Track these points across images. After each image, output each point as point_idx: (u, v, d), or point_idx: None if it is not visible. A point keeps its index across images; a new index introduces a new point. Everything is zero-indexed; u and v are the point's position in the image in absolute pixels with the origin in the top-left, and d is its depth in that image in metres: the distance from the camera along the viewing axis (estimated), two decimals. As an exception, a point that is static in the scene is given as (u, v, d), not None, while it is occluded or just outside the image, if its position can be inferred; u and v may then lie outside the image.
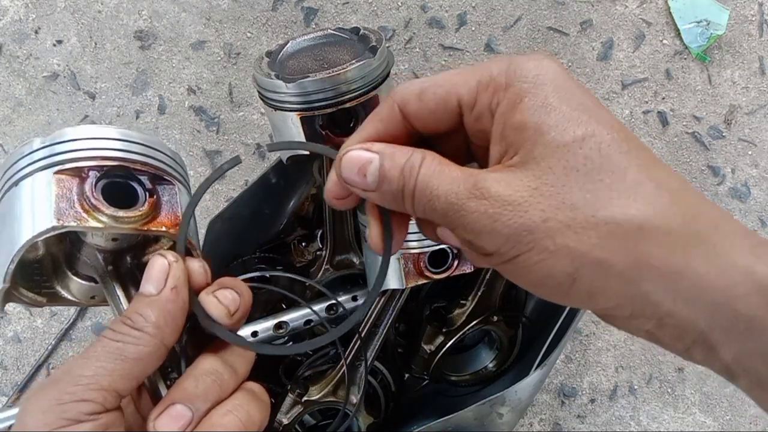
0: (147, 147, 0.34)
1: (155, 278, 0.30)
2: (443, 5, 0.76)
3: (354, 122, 0.52)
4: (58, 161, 0.32)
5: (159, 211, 0.33)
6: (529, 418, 0.78)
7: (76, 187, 0.32)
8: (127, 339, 0.29)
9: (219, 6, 0.77)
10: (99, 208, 0.31)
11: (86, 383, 0.27)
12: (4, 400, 0.76)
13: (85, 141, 0.33)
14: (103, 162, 0.32)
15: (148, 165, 0.34)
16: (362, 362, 0.58)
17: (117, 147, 0.33)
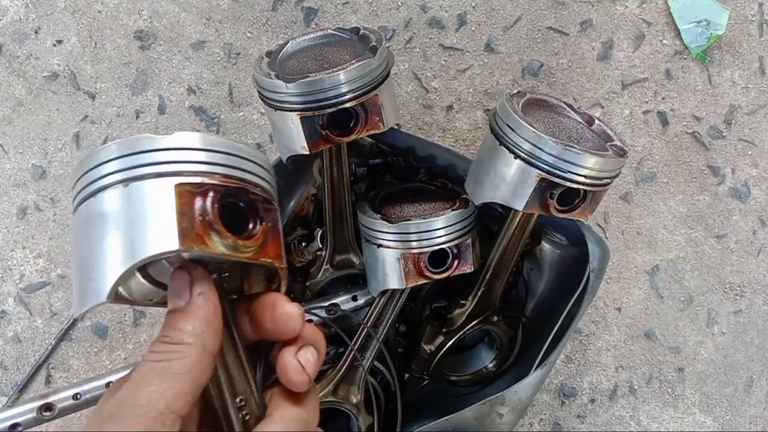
0: (259, 166, 0.31)
1: (179, 290, 0.30)
2: (443, 5, 0.76)
3: (354, 122, 0.52)
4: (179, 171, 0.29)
5: (268, 239, 0.31)
6: (529, 418, 0.78)
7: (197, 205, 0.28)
8: (170, 355, 0.29)
9: (219, 6, 0.77)
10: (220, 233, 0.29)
11: (144, 412, 0.27)
12: (4, 400, 0.76)
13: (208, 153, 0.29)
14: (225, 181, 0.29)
15: (261, 187, 0.31)
16: (362, 362, 0.58)
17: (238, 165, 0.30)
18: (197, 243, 0.28)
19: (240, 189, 0.30)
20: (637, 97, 0.77)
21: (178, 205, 0.28)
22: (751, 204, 0.78)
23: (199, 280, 0.30)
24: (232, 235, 0.29)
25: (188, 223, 0.28)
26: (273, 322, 0.32)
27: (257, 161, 0.31)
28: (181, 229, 0.28)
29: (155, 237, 0.28)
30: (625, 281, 0.78)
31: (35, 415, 0.46)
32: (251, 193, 0.31)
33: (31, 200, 0.77)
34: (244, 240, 0.30)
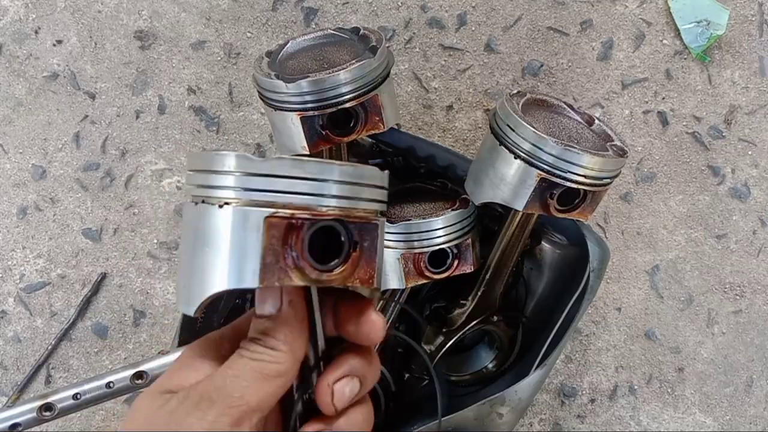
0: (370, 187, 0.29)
1: (270, 297, 0.30)
2: (443, 5, 0.76)
3: (354, 122, 0.52)
4: (272, 202, 0.27)
5: (359, 263, 0.30)
6: (529, 418, 0.78)
7: (285, 237, 0.27)
8: (265, 357, 0.29)
9: (219, 6, 0.77)
10: (305, 269, 0.28)
11: (237, 405, 0.28)
12: (4, 400, 0.76)
13: (306, 183, 0.28)
14: (321, 215, 0.28)
15: (362, 211, 0.29)
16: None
17: (340, 194, 0.28)
18: (278, 279, 0.28)
19: (337, 219, 0.29)
20: (637, 97, 0.77)
21: (267, 240, 0.27)
22: (751, 204, 0.78)
23: (288, 289, 0.30)
24: (316, 270, 0.28)
25: (272, 258, 0.27)
26: (356, 326, 0.32)
27: (369, 182, 0.29)
28: (264, 265, 0.27)
29: (237, 269, 0.28)
30: (625, 281, 0.78)
31: (35, 415, 0.46)
32: (350, 220, 0.29)
33: (31, 200, 0.77)
34: (328, 273, 0.29)
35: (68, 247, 0.77)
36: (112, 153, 0.77)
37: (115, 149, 0.77)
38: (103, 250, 0.77)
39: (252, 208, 0.27)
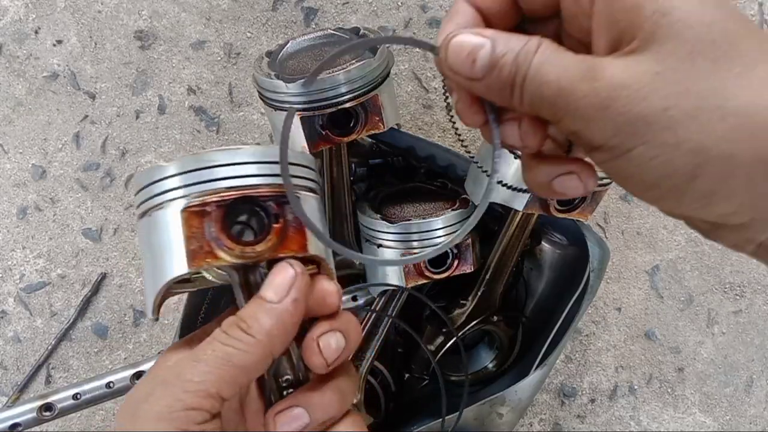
0: (270, 164, 0.32)
1: (278, 286, 0.30)
2: (443, 5, 0.76)
3: (354, 122, 0.52)
4: (183, 195, 0.31)
5: (286, 234, 0.32)
6: (529, 418, 0.78)
7: (204, 225, 0.31)
8: (238, 345, 0.29)
9: (219, 6, 0.77)
10: (227, 247, 0.31)
11: (195, 389, 0.28)
12: (4, 400, 0.76)
13: (208, 170, 0.31)
14: (226, 194, 0.31)
15: (272, 186, 0.32)
16: (362, 362, 0.58)
17: (238, 173, 0.31)
18: (206, 261, 0.30)
19: (242, 198, 0.31)
20: (637, 97, 0.77)
21: (186, 229, 0.31)
22: (751, 204, 0.78)
23: (299, 285, 0.31)
24: (238, 245, 0.31)
25: (196, 245, 0.30)
26: (312, 298, 0.32)
27: (264, 160, 0.32)
28: (189, 251, 0.30)
29: (170, 263, 0.31)
30: (625, 281, 0.78)
31: (35, 415, 0.46)
32: (258, 196, 0.32)
33: (31, 200, 0.77)
34: (252, 246, 0.31)
35: (68, 247, 0.77)
36: (112, 153, 0.77)
37: (115, 149, 0.77)
38: (103, 250, 0.77)
39: (167, 210, 0.31)
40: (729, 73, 0.22)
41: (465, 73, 0.27)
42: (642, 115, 0.22)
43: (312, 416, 0.30)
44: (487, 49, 0.26)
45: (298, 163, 0.34)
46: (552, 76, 0.24)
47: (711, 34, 0.22)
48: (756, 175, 0.22)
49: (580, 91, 0.24)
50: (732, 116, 0.22)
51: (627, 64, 0.23)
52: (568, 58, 0.25)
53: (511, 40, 0.26)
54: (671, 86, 0.22)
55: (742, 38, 0.23)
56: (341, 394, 0.32)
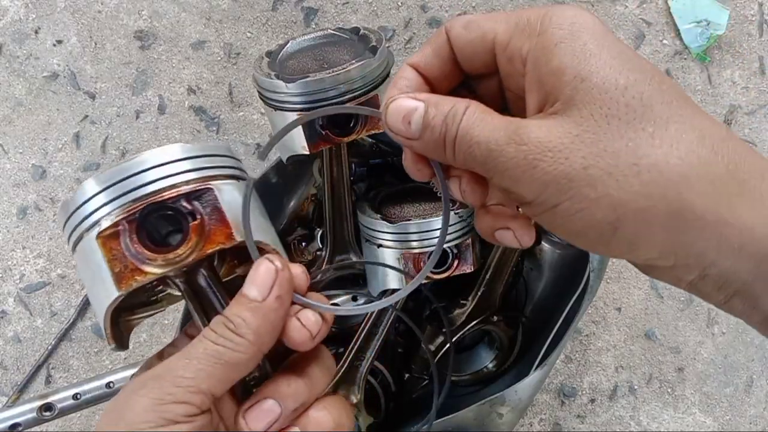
0: (170, 164, 0.32)
1: (261, 283, 0.30)
2: (443, 5, 0.76)
3: (354, 122, 0.52)
4: (93, 223, 0.31)
5: (208, 228, 0.31)
6: (529, 418, 0.78)
7: (122, 244, 0.30)
8: (228, 344, 0.29)
9: (219, 6, 0.77)
10: (150, 258, 0.30)
11: (186, 385, 0.28)
12: (4, 400, 0.76)
13: (105, 193, 0.31)
14: (133, 208, 0.30)
15: (174, 186, 0.31)
16: (362, 362, 0.58)
17: (136, 184, 0.31)
18: (133, 279, 0.30)
19: (148, 205, 0.31)
20: (637, 97, 0.77)
21: (106, 254, 0.30)
22: (751, 204, 0.78)
23: (282, 282, 0.31)
24: (159, 255, 0.31)
25: (120, 266, 0.30)
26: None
27: (162, 162, 0.31)
28: (115, 275, 0.30)
29: (102, 291, 0.31)
30: (625, 281, 0.78)
31: (35, 415, 0.46)
32: (164, 200, 0.31)
33: (31, 200, 0.77)
34: (174, 251, 0.31)
35: (68, 247, 0.77)
36: (112, 153, 0.77)
37: (115, 149, 0.77)
38: (103, 250, 0.77)
39: (85, 239, 0.31)
40: (643, 132, 0.24)
41: (403, 133, 0.29)
42: (565, 174, 0.25)
43: (283, 406, 0.31)
44: (420, 111, 0.28)
45: (209, 153, 0.33)
46: (481, 138, 0.27)
47: (625, 98, 0.24)
48: (670, 227, 0.24)
49: (507, 153, 0.26)
50: (645, 173, 0.24)
51: (549, 127, 0.25)
52: (495, 120, 0.27)
53: (442, 102, 0.28)
54: (589, 147, 0.24)
55: (655, 100, 0.25)
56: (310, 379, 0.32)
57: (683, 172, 0.24)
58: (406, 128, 0.29)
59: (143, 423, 0.27)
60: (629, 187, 0.24)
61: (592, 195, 0.24)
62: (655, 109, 0.25)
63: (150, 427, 0.27)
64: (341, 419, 0.32)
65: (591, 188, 0.24)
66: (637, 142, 0.24)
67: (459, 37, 0.30)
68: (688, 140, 0.24)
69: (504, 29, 0.28)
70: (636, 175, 0.24)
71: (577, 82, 0.25)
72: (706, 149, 0.24)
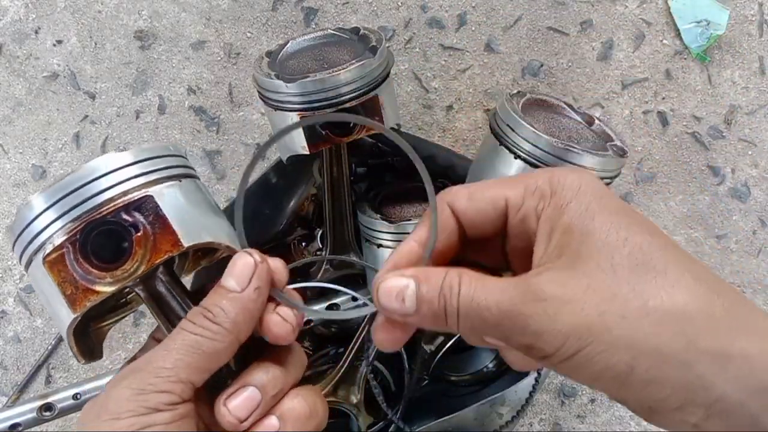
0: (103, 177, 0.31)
1: (239, 275, 0.31)
2: (443, 5, 0.76)
3: (354, 122, 0.52)
4: (38, 246, 0.30)
5: (153, 238, 0.31)
6: (529, 418, 0.78)
7: (68, 266, 0.30)
8: (206, 333, 0.30)
9: (219, 6, 0.77)
10: (100, 277, 0.30)
11: (166, 375, 0.29)
12: (4, 400, 0.76)
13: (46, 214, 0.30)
14: (74, 228, 0.30)
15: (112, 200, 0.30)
16: (362, 362, 0.58)
17: (75, 202, 0.30)
18: (87, 300, 0.30)
19: (88, 224, 0.30)
20: (637, 97, 0.77)
21: (55, 277, 0.30)
22: (751, 204, 0.78)
23: (260, 274, 0.31)
24: (107, 273, 0.30)
25: (71, 289, 0.30)
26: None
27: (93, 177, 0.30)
28: (67, 297, 0.30)
29: (59, 313, 0.30)
30: (625, 281, 0.78)
31: (35, 415, 0.46)
32: (103, 217, 0.30)
33: (31, 200, 0.77)
34: (121, 266, 0.30)
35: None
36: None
37: (115, 149, 0.77)
38: (103, 250, 0.77)
39: (33, 264, 0.30)
40: (646, 276, 0.27)
41: (398, 311, 0.30)
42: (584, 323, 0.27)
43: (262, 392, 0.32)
44: (412, 287, 0.30)
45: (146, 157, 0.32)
46: (491, 302, 0.28)
47: (626, 248, 0.27)
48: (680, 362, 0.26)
49: (527, 311, 0.27)
50: (653, 313, 0.26)
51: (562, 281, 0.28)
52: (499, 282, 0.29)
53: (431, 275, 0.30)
54: (601, 294, 0.27)
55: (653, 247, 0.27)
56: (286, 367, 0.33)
57: (686, 311, 0.26)
58: (400, 306, 0.30)
59: (126, 412, 0.28)
60: (641, 327, 0.26)
61: (608, 338, 0.26)
62: (653, 256, 0.27)
63: (132, 415, 0.28)
64: (315, 406, 0.33)
65: (608, 332, 0.26)
66: (643, 286, 0.27)
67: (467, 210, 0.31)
68: (685, 282, 0.27)
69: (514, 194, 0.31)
70: (645, 316, 0.26)
71: (583, 237, 0.28)
72: (703, 289, 0.27)
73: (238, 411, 0.31)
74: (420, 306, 0.30)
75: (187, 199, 0.32)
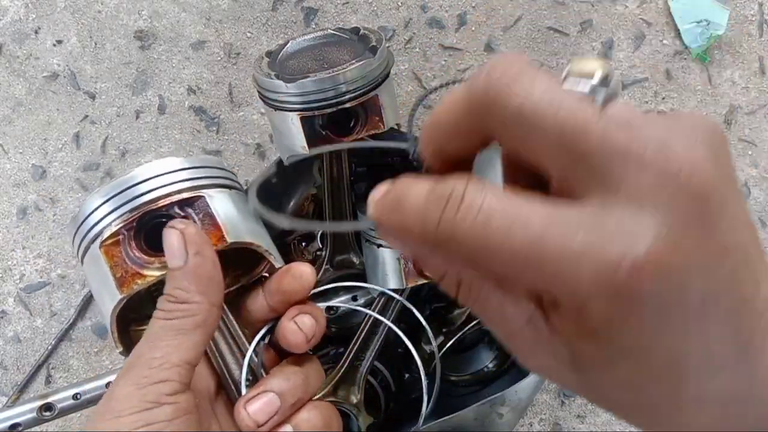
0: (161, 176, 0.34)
1: (175, 251, 0.32)
2: (443, 5, 0.76)
3: (354, 122, 0.52)
4: (96, 234, 0.33)
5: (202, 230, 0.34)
6: (529, 418, 0.78)
7: (122, 251, 0.33)
8: (180, 313, 0.31)
9: (219, 6, 0.77)
10: (149, 263, 0.33)
11: (159, 364, 0.29)
12: (4, 400, 0.76)
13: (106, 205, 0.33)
14: (130, 217, 0.33)
15: (168, 195, 0.34)
16: (362, 362, 0.58)
17: (132, 196, 0.33)
18: (134, 283, 0.33)
19: (144, 215, 0.33)
20: (637, 97, 0.77)
21: (109, 261, 0.33)
22: (751, 204, 0.78)
23: (191, 239, 0.32)
24: (157, 258, 0.33)
25: (122, 272, 0.33)
26: (290, 280, 0.35)
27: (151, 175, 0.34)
28: (117, 279, 0.33)
29: (107, 296, 0.33)
30: (625, 281, 0.78)
31: (35, 415, 0.46)
32: (159, 208, 0.34)
33: (31, 200, 0.77)
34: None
35: (68, 247, 0.77)
36: (112, 153, 0.77)
37: (115, 149, 0.77)
38: (103, 250, 0.77)
39: (90, 250, 0.34)
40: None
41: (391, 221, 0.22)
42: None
43: (282, 400, 0.32)
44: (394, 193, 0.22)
45: (201, 165, 0.36)
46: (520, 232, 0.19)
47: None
48: None
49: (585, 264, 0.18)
50: None
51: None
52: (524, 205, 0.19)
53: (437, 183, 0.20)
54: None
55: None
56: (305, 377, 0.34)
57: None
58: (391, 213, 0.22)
59: (128, 409, 0.29)
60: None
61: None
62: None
63: (133, 411, 0.28)
64: (331, 422, 0.34)
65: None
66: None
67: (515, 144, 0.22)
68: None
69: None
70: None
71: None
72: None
73: (258, 415, 0.31)
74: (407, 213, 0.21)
75: (234, 205, 0.36)
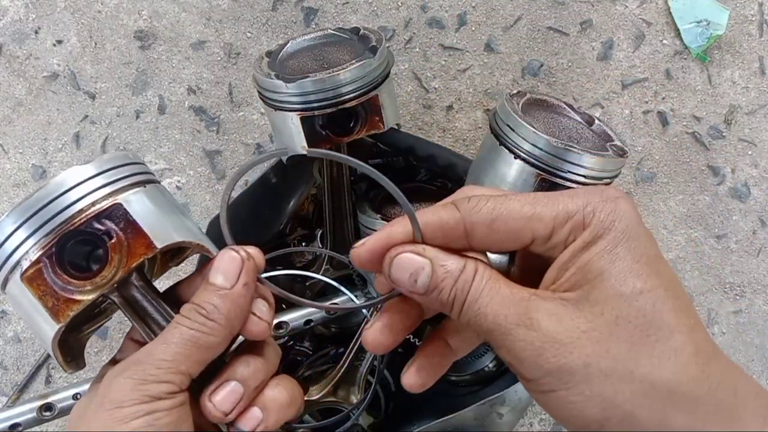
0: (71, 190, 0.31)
1: (227, 272, 0.32)
2: (443, 5, 0.76)
3: (354, 122, 0.52)
4: (14, 265, 0.31)
5: (127, 243, 0.32)
6: (529, 418, 0.78)
7: (47, 279, 0.31)
8: (203, 329, 0.31)
9: (219, 6, 0.77)
10: (80, 287, 0.31)
11: (167, 367, 0.30)
12: (4, 400, 0.76)
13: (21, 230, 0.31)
14: (48, 242, 0.30)
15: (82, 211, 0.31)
16: (362, 362, 0.58)
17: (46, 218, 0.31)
18: (69, 310, 0.31)
19: (62, 237, 0.31)
20: (637, 97, 0.77)
21: (35, 292, 0.31)
22: (751, 204, 0.78)
23: (248, 269, 0.32)
24: (86, 281, 0.31)
25: (53, 301, 0.31)
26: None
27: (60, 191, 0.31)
28: (49, 310, 0.31)
29: (43, 327, 0.31)
30: (625, 281, 0.78)
31: (35, 415, 0.46)
32: (76, 228, 0.31)
33: (31, 200, 0.77)
34: (100, 273, 0.31)
35: None
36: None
37: (115, 149, 0.77)
38: (103, 250, 0.77)
39: (11, 283, 0.31)
40: (647, 339, 0.26)
41: (407, 288, 0.30)
42: (567, 367, 0.26)
43: (245, 385, 0.33)
44: (427, 271, 0.29)
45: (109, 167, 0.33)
46: (489, 310, 0.28)
47: (638, 303, 0.26)
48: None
49: (516, 335, 0.27)
50: (639, 381, 0.26)
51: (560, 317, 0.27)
52: (505, 291, 0.28)
53: (450, 264, 0.29)
54: (594, 345, 0.26)
55: (667, 308, 0.26)
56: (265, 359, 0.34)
57: (671, 388, 0.25)
58: (411, 285, 0.29)
59: (128, 400, 0.29)
60: (621, 391, 0.26)
61: (586, 391, 0.26)
62: (664, 317, 0.26)
63: (135, 402, 0.29)
64: (294, 393, 0.35)
65: (587, 385, 0.26)
66: (638, 350, 0.26)
67: (484, 237, 0.29)
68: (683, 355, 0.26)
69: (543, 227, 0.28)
70: (630, 382, 0.26)
71: (598, 281, 0.27)
72: (697, 367, 0.26)
73: (223, 405, 0.32)
74: (431, 291, 0.29)
75: (153, 203, 0.33)
